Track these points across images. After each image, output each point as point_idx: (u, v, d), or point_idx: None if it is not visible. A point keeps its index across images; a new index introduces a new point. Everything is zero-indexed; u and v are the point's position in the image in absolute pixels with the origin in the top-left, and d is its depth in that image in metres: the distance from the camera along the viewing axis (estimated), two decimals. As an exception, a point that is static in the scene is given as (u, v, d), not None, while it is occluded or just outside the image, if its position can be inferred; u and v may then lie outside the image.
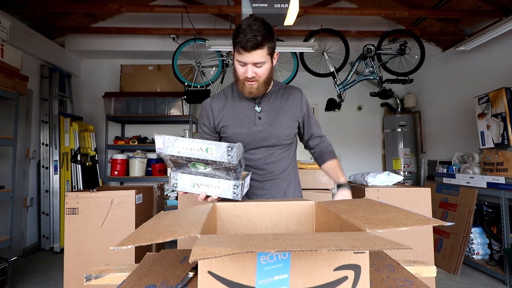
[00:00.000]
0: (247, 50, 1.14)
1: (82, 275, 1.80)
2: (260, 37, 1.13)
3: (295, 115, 1.34)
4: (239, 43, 1.14)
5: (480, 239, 3.15)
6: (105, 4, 3.43)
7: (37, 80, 3.87)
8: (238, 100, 1.33)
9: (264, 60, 1.18)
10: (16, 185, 3.20)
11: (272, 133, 1.30)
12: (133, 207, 1.92)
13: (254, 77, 1.20)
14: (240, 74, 1.22)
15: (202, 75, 3.73)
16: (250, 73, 1.18)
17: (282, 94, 1.36)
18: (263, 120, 1.29)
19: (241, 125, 1.29)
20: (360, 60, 3.79)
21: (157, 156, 4.35)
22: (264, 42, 1.15)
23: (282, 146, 1.34)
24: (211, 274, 0.51)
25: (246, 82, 1.22)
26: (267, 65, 1.21)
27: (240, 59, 1.18)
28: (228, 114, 1.31)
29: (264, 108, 1.31)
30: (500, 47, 3.40)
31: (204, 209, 0.87)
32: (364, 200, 0.95)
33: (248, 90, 1.23)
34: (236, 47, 1.17)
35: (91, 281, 0.83)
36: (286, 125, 1.31)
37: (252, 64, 1.17)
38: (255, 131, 1.29)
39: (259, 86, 1.23)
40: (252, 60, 1.16)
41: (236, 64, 1.22)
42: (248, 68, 1.18)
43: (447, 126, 4.22)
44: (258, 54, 1.16)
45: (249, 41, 1.12)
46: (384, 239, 0.50)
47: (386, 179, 2.25)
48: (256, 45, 1.13)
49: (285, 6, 2.58)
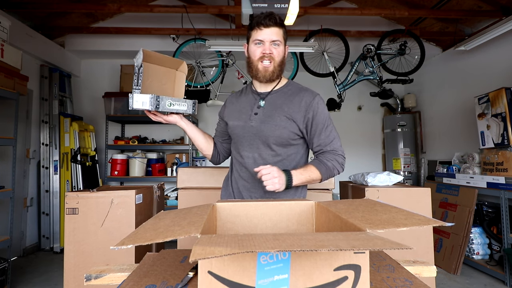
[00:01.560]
0: (267, 25, 1.20)
1: (82, 275, 1.80)
2: (278, 17, 1.22)
3: (294, 117, 1.24)
4: (258, 21, 1.21)
5: (480, 239, 3.15)
6: (105, 4, 3.43)
7: (37, 80, 3.87)
8: (245, 95, 1.36)
9: (280, 40, 1.23)
10: (16, 185, 3.20)
11: (261, 130, 1.24)
12: (133, 207, 1.92)
13: (271, 54, 1.22)
14: (256, 54, 1.23)
15: (202, 75, 3.73)
16: (267, 49, 1.21)
17: (290, 94, 1.29)
18: (258, 116, 1.27)
19: (239, 118, 1.31)
20: (360, 60, 3.79)
21: (157, 156, 4.36)
22: (281, 23, 1.23)
23: (274, 152, 1.26)
24: (211, 274, 0.51)
25: (261, 63, 1.23)
26: (282, 47, 1.25)
27: (258, 36, 1.21)
28: (234, 107, 1.36)
29: (266, 104, 1.29)
30: (500, 47, 3.40)
31: (204, 209, 0.87)
32: (364, 200, 0.95)
33: (262, 72, 1.24)
34: (254, 27, 1.22)
35: (91, 281, 0.83)
36: (279, 125, 1.23)
37: (270, 42, 1.21)
38: (249, 125, 1.28)
39: (274, 68, 1.24)
40: (270, 37, 1.21)
41: (252, 47, 1.25)
42: (265, 45, 1.22)
43: (447, 126, 4.22)
44: (276, 32, 1.21)
45: (268, 17, 1.20)
46: (384, 239, 0.50)
47: (386, 179, 2.24)
48: (275, 22, 1.21)
49: (285, 6, 2.58)
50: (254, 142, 1.28)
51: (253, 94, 1.34)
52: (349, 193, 2.44)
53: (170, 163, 4.35)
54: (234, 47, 3.42)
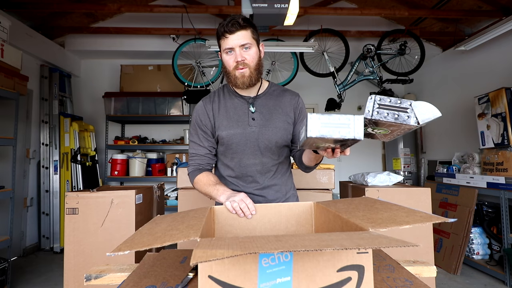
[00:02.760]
0: (231, 32, 1.14)
1: (82, 275, 1.80)
2: (240, 19, 1.15)
3: (290, 118, 1.27)
4: (222, 30, 1.15)
5: (480, 239, 3.15)
6: (105, 4, 3.43)
7: (37, 80, 3.87)
8: (230, 100, 1.28)
9: (250, 42, 1.17)
10: (16, 185, 3.19)
11: (264, 134, 1.23)
12: (133, 207, 1.92)
13: (244, 61, 1.17)
14: (229, 64, 1.19)
15: (202, 75, 3.72)
16: (239, 56, 1.16)
17: (277, 96, 1.30)
18: (257, 120, 1.24)
19: (235, 125, 1.24)
20: (360, 60, 3.79)
21: (157, 156, 4.35)
22: (246, 24, 1.16)
23: (275, 156, 1.27)
24: (212, 278, 0.50)
25: (236, 71, 1.18)
26: (254, 49, 1.19)
27: (226, 45, 1.16)
28: (221, 115, 1.26)
29: (258, 109, 1.25)
30: (500, 47, 3.40)
31: (201, 212, 0.87)
32: (364, 198, 0.95)
33: (240, 79, 1.19)
34: (221, 37, 1.17)
35: (91, 281, 0.83)
36: (280, 127, 1.24)
37: (239, 47, 1.16)
38: (249, 131, 1.23)
39: (251, 74, 1.19)
40: (237, 42, 1.15)
41: (224, 57, 1.19)
42: (236, 52, 1.16)
43: (447, 126, 4.22)
44: (242, 35, 1.15)
45: (231, 23, 1.14)
46: (388, 237, 0.49)
47: (386, 179, 2.24)
48: (239, 25, 1.14)
49: (285, 6, 2.58)
50: (256, 148, 1.24)
51: (238, 99, 1.27)
52: (349, 193, 2.44)
53: (170, 163, 4.34)
54: (234, 47, 3.41)
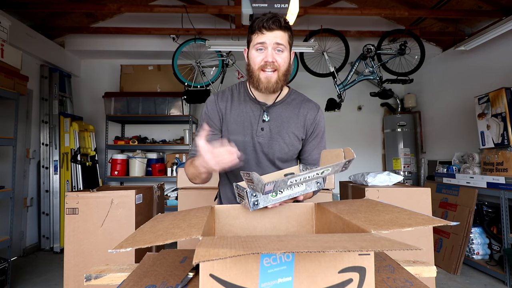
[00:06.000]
0: (270, 29, 1.04)
1: (82, 275, 1.79)
2: (283, 19, 1.06)
3: (301, 133, 1.18)
4: (260, 24, 1.05)
5: (480, 239, 3.15)
6: (105, 4, 3.42)
7: (37, 80, 3.86)
8: (244, 104, 1.18)
9: (285, 44, 1.07)
10: (16, 185, 3.19)
11: (270, 147, 1.16)
12: (133, 207, 1.91)
13: (274, 63, 1.06)
14: (257, 61, 1.07)
15: (202, 75, 3.72)
16: (270, 56, 1.05)
17: (294, 106, 1.19)
18: (265, 131, 1.15)
19: (242, 132, 1.16)
20: (360, 60, 3.79)
21: (157, 156, 4.35)
22: (286, 26, 1.07)
23: (277, 169, 1.19)
24: (213, 277, 0.50)
25: (263, 73, 1.08)
26: (287, 54, 1.09)
27: (259, 39, 1.06)
28: (232, 117, 1.17)
29: (271, 118, 1.16)
30: (500, 47, 3.40)
31: (203, 211, 0.87)
32: (365, 200, 0.95)
33: (264, 83, 1.08)
34: (255, 31, 1.07)
35: (91, 281, 0.83)
36: (288, 143, 1.16)
37: (274, 46, 1.05)
38: (255, 142, 1.16)
39: (278, 79, 1.09)
40: (274, 40, 1.04)
41: (253, 53, 1.09)
42: (268, 51, 1.06)
43: (447, 126, 4.22)
44: (280, 35, 1.05)
45: (272, 20, 1.04)
46: (391, 240, 0.49)
47: (386, 179, 2.24)
48: (280, 24, 1.04)
49: (285, 6, 2.58)
50: (260, 161, 1.17)
51: (253, 103, 1.18)
52: (349, 193, 2.44)
53: (170, 163, 4.34)
54: (234, 47, 3.42)
